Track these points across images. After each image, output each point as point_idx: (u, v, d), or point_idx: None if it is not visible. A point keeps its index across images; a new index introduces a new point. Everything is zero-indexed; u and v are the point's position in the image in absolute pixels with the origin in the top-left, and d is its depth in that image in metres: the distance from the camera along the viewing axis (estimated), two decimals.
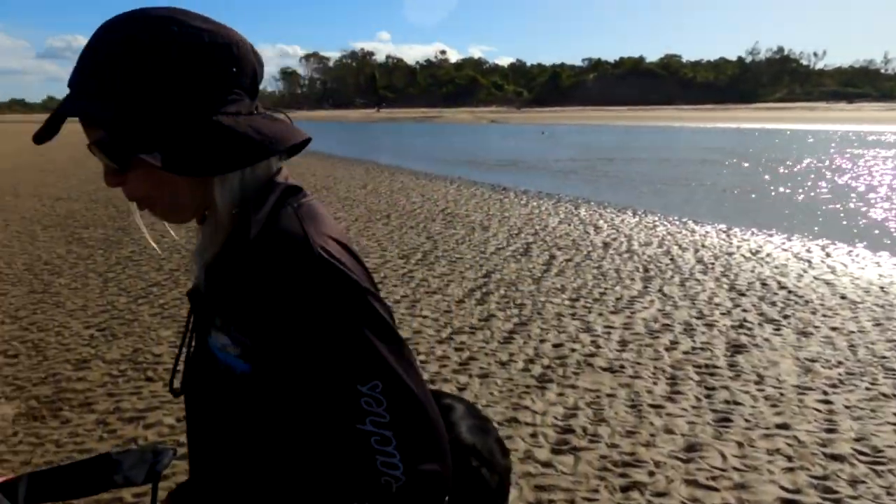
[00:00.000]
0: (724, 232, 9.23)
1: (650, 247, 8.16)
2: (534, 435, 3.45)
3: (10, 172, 17.86)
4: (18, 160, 22.19)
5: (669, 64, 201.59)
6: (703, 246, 8.23)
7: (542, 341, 4.85)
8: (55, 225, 9.84)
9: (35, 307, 5.72)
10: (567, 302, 5.82)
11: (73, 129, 1.11)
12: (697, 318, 5.35)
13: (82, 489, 1.79)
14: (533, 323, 5.26)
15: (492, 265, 7.20)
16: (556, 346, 4.76)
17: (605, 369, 4.32)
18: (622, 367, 4.35)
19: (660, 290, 6.15)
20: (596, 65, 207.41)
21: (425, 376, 4.20)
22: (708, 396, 3.90)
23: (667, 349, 4.67)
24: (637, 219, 10.39)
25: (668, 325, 5.18)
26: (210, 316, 0.89)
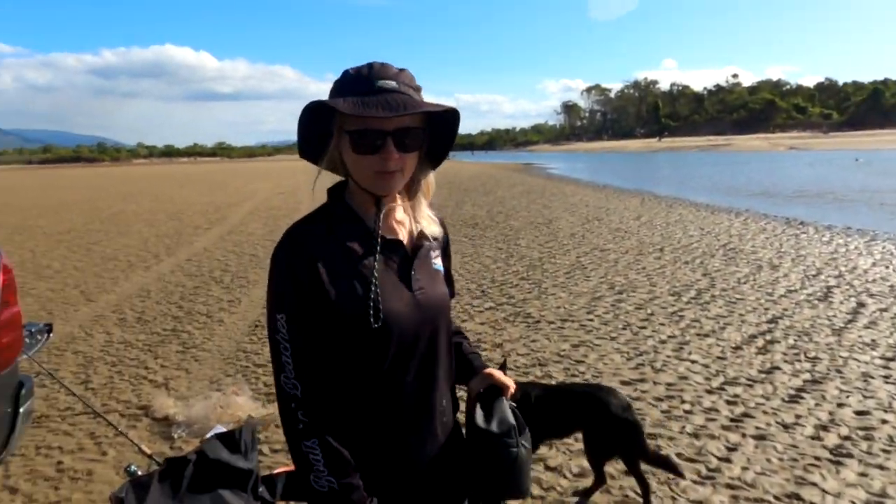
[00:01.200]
0: None
1: None
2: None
3: None
4: None
5: None
6: None
7: (840, 405, 4.05)
8: None
9: None
10: (878, 360, 4.80)
11: None
12: None
13: None
14: (829, 382, 4.42)
15: (779, 310, 6.30)
16: (859, 413, 3.93)
17: None
18: None
19: None
20: None
21: (689, 427, 3.78)
22: None
23: None
24: None
25: None
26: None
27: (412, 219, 1.37)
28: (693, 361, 4.94)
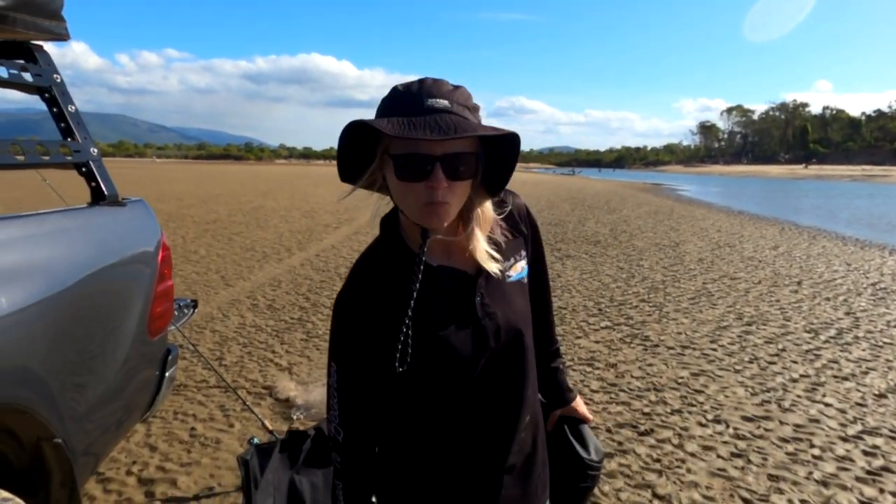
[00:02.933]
0: None
1: None
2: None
3: None
4: None
5: None
6: None
7: None
8: None
9: None
10: None
11: (517, 177, 1.23)
12: None
13: None
14: None
15: None
16: None
17: None
18: None
19: None
20: None
21: (817, 474, 3.50)
22: None
23: None
24: None
25: None
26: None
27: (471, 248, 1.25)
28: (827, 405, 4.55)
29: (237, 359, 5.32)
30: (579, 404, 1.55)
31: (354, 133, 1.10)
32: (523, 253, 1.34)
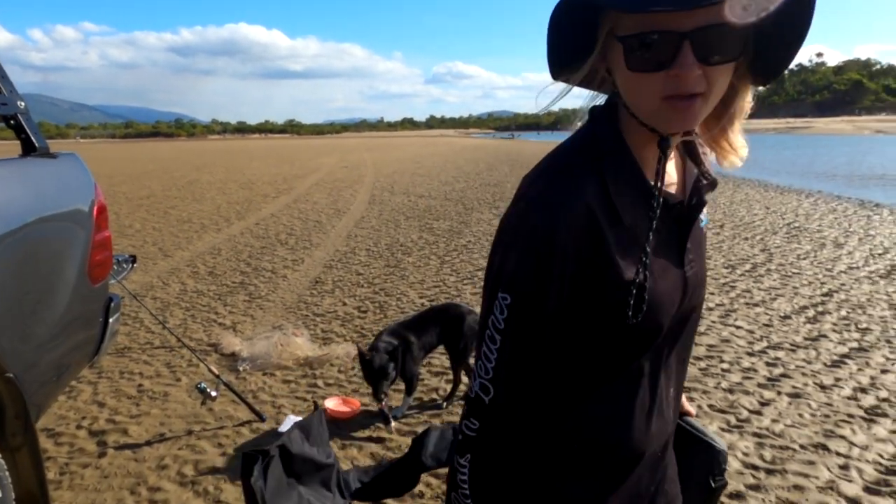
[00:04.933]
0: None
1: None
2: (844, 467, 2.93)
3: (390, 175, 21.44)
4: (399, 166, 26.49)
5: None
6: None
7: (883, 371, 4.04)
8: (415, 216, 11.54)
9: (387, 277, 6.85)
10: None
11: (445, 141, 1.35)
12: None
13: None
14: (876, 350, 4.40)
15: (836, 284, 6.20)
16: None
17: None
18: None
19: None
20: None
21: (724, 384, 3.88)
22: None
23: None
24: None
25: None
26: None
27: (698, 160, 0.97)
28: (738, 327, 4.98)
29: (180, 321, 5.38)
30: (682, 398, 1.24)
31: (569, 11, 0.81)
32: (708, 194, 0.98)
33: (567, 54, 0.85)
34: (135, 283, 6.50)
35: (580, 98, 0.95)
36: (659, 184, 0.86)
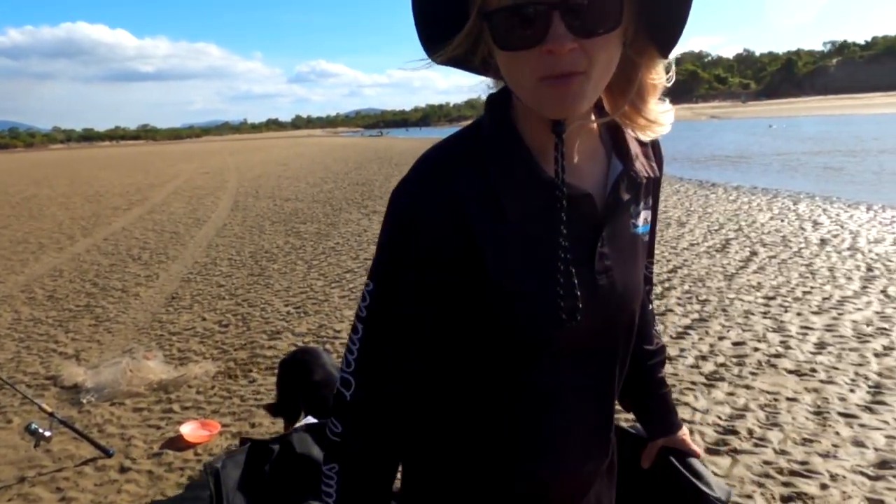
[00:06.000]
0: None
1: (881, 244, 7.00)
2: (689, 432, 3.15)
3: (255, 179, 20.64)
4: (265, 169, 25.57)
5: None
6: None
7: (720, 339, 4.41)
8: (280, 221, 11.17)
9: (250, 287, 6.56)
10: (760, 300, 5.22)
11: (313, 141, 1.24)
12: None
13: None
14: (714, 320, 4.80)
15: (680, 260, 6.71)
16: (736, 344, 4.30)
17: (791, 371, 3.80)
18: (813, 370, 3.80)
19: (882, 292, 5.24)
20: (840, 48, 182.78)
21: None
22: None
23: (877, 355, 3.97)
24: (871, 214, 8.96)
25: (884, 329, 4.41)
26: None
27: (625, 152, 0.86)
28: None
29: (12, 355, 4.84)
30: (686, 433, 1.13)
31: None
32: (650, 200, 0.92)
33: (437, 25, 0.74)
34: None
35: (445, 94, 0.87)
36: (562, 173, 0.75)
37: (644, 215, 0.89)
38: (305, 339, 4.79)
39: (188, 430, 3.38)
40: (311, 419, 2.71)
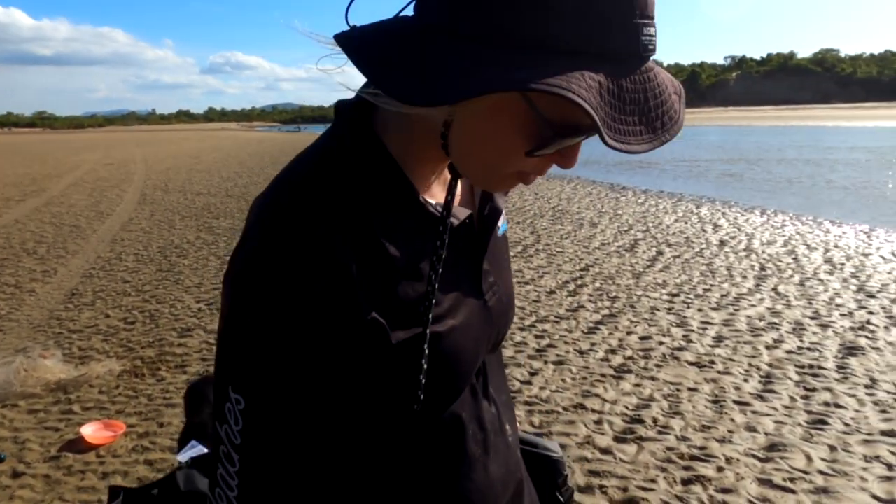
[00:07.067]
0: (865, 233, 8.30)
1: (772, 245, 7.53)
2: (598, 422, 3.29)
3: (164, 172, 19.77)
4: (175, 162, 24.53)
5: (825, 59, 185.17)
6: (836, 246, 7.46)
7: (628, 333, 4.62)
8: (192, 216, 10.75)
9: (159, 283, 6.28)
10: (665, 297, 5.50)
11: (227, 135, 1.17)
12: (812, 318, 4.85)
13: None
14: (623, 315, 5.02)
15: (592, 259, 6.97)
16: (643, 338, 4.51)
17: (692, 363, 4.04)
18: (712, 362, 4.04)
19: (774, 289, 5.64)
20: (739, 62, 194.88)
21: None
22: (805, 397, 3.52)
23: (768, 347, 4.28)
24: (764, 218, 9.62)
25: (774, 323, 4.75)
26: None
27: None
28: None
29: None
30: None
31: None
32: (505, 196, 0.84)
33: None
34: None
35: None
36: (449, 213, 0.67)
37: (504, 215, 0.83)
38: None
39: (90, 431, 3.20)
40: (198, 447, 2.54)
